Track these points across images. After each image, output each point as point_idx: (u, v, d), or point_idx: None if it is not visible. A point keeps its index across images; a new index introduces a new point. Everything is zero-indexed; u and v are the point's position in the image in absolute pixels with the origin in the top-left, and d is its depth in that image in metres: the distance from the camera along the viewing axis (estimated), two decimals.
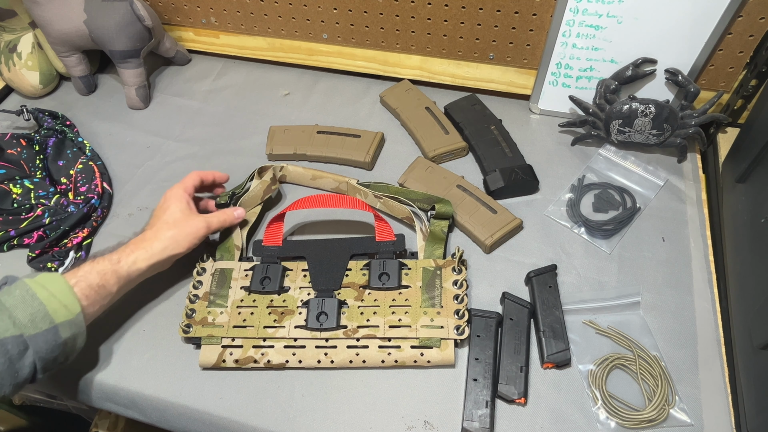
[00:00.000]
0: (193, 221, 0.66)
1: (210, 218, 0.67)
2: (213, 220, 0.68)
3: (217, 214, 0.69)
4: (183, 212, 0.66)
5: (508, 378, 0.60)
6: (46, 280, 0.55)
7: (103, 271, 0.59)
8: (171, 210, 0.66)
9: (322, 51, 0.95)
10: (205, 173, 0.74)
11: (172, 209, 0.66)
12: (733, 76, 0.77)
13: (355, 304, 0.65)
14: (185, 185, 0.70)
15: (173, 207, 0.66)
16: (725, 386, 0.60)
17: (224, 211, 0.70)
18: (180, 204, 0.67)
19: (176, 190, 0.68)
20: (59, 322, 0.53)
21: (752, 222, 0.61)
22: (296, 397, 0.61)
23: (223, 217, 0.69)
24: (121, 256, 0.61)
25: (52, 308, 0.53)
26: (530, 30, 0.81)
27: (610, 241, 0.72)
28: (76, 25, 0.86)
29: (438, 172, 0.78)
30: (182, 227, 0.65)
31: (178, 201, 0.67)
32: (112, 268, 0.59)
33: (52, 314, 0.52)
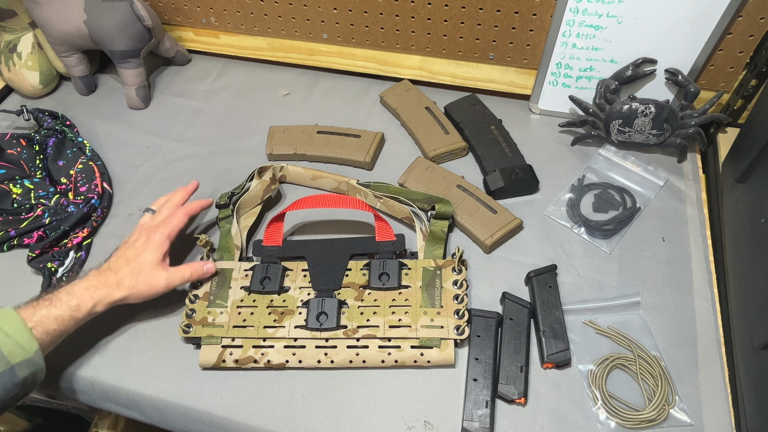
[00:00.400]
0: (157, 277, 0.62)
1: (173, 276, 0.63)
2: (176, 278, 0.63)
3: (182, 271, 0.64)
4: (152, 264, 0.62)
5: (508, 378, 0.60)
6: (1, 319, 0.53)
7: (62, 317, 0.57)
8: (143, 257, 0.62)
9: (322, 51, 0.95)
10: (192, 207, 0.70)
11: (145, 257, 0.62)
12: (733, 76, 0.77)
13: (355, 304, 0.65)
14: (171, 232, 0.65)
15: (147, 255, 0.63)
16: (725, 386, 0.60)
17: (192, 265, 0.65)
18: (155, 254, 0.63)
19: (159, 236, 0.64)
20: (15, 362, 0.51)
21: (752, 222, 0.61)
22: (296, 397, 0.61)
23: (189, 273, 0.64)
24: (80, 301, 0.58)
25: (8, 350, 0.51)
26: (530, 30, 0.81)
27: (610, 241, 0.72)
28: (76, 25, 0.86)
29: (438, 172, 0.78)
30: (146, 280, 0.61)
31: (154, 251, 0.63)
32: (70, 314, 0.57)
33: (7, 356, 0.51)
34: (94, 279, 0.61)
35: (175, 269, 0.64)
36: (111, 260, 0.64)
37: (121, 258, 0.63)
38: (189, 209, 0.69)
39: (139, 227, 0.68)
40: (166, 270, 0.63)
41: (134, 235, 0.67)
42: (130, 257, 0.63)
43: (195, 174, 0.84)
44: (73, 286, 0.59)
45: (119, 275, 0.61)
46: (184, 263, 0.66)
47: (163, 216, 0.68)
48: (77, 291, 0.59)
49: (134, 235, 0.67)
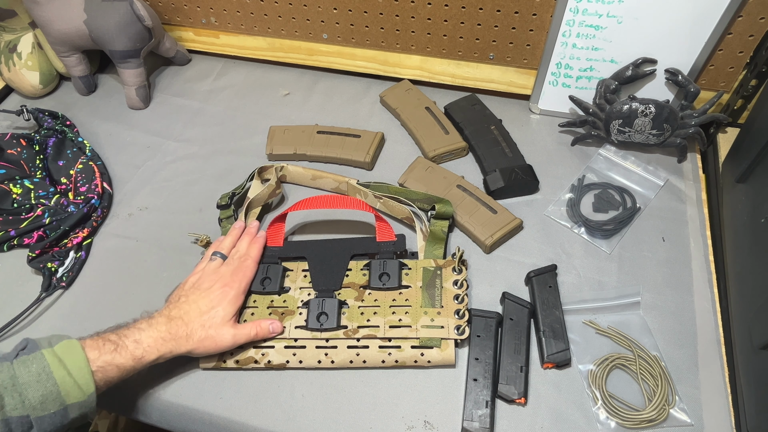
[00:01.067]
0: (225, 334, 0.60)
1: (239, 335, 0.61)
2: (242, 336, 0.61)
3: (248, 329, 0.61)
4: (224, 319, 0.60)
5: (508, 378, 0.60)
6: (66, 353, 0.51)
7: (124, 366, 0.54)
8: (217, 312, 0.60)
9: (322, 51, 0.95)
10: (259, 254, 0.68)
11: (218, 312, 0.60)
12: (733, 76, 0.77)
13: (356, 305, 0.65)
14: (246, 286, 0.64)
15: (221, 310, 0.60)
16: (725, 386, 0.60)
17: (259, 324, 0.62)
18: (230, 310, 0.61)
19: (236, 291, 0.62)
20: (70, 403, 0.50)
21: (752, 222, 0.61)
22: (296, 397, 0.61)
23: (254, 332, 0.61)
24: (146, 353, 0.56)
25: (65, 390, 0.49)
26: (530, 30, 0.81)
27: (610, 241, 0.72)
28: (76, 25, 0.86)
29: (438, 172, 0.78)
30: (214, 337, 0.59)
31: (230, 306, 0.61)
32: (133, 365, 0.55)
33: (64, 396, 0.49)
34: (163, 328, 0.58)
35: (242, 327, 0.61)
36: (182, 306, 0.60)
37: (194, 308, 0.60)
38: (257, 257, 0.68)
39: (210, 273, 0.64)
40: (234, 327, 0.61)
41: (205, 281, 0.63)
42: (203, 308, 0.60)
43: (195, 174, 0.84)
44: (141, 332, 0.56)
45: (190, 327, 0.59)
46: (250, 322, 0.63)
47: (235, 265, 0.65)
48: (145, 341, 0.56)
49: (205, 281, 0.63)
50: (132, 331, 0.57)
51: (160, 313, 0.60)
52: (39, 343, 0.51)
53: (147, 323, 0.58)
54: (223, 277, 0.64)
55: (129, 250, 0.76)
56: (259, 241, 0.69)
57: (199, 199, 0.81)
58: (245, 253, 0.67)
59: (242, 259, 0.66)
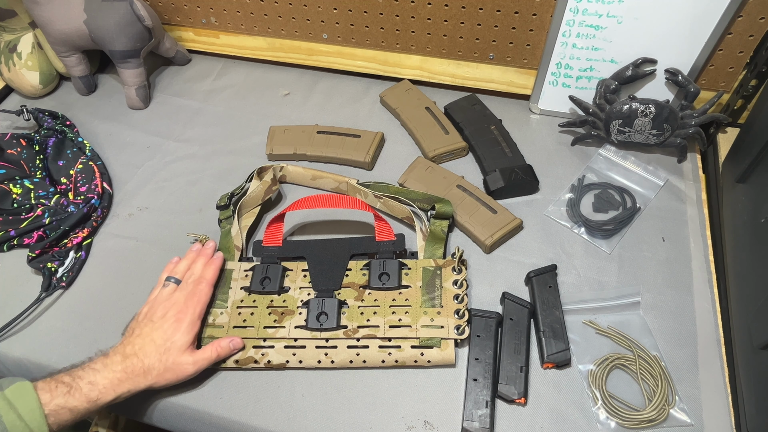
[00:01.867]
0: (185, 363, 0.58)
1: (200, 361, 0.59)
2: (203, 361, 0.59)
3: (208, 353, 0.60)
4: (181, 349, 0.58)
5: (508, 378, 0.60)
6: (17, 397, 0.50)
7: (78, 409, 0.53)
8: (174, 343, 0.58)
9: (322, 51, 0.95)
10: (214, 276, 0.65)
11: (175, 342, 0.58)
12: (733, 76, 0.77)
13: (355, 304, 0.65)
14: (201, 310, 0.61)
15: (178, 340, 0.58)
16: (725, 386, 0.60)
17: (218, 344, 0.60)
18: (187, 338, 0.59)
19: (191, 316, 0.60)
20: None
21: (752, 222, 0.61)
22: (296, 397, 0.61)
23: (216, 354, 0.60)
24: (101, 395, 0.54)
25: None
26: (530, 30, 0.81)
27: (610, 241, 0.72)
28: (76, 25, 0.86)
29: (438, 172, 0.78)
30: (173, 369, 0.57)
31: (185, 334, 0.59)
32: (87, 407, 0.53)
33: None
34: (119, 368, 0.56)
35: (201, 352, 0.60)
36: (135, 341, 0.58)
37: (148, 342, 0.58)
38: (212, 279, 0.65)
39: (163, 300, 0.62)
40: (193, 354, 0.59)
41: (158, 310, 0.61)
42: (158, 341, 0.58)
43: (195, 174, 0.84)
44: (96, 374, 0.55)
45: (146, 362, 0.57)
46: (209, 344, 0.61)
47: (189, 290, 0.63)
48: (100, 383, 0.54)
49: (158, 310, 0.61)
50: (87, 372, 0.55)
51: (115, 351, 0.57)
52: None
53: (102, 363, 0.56)
54: (176, 304, 0.61)
55: (129, 250, 0.76)
56: (215, 262, 0.66)
57: (199, 199, 0.81)
58: (200, 275, 0.64)
59: (197, 282, 0.63)
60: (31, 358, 0.66)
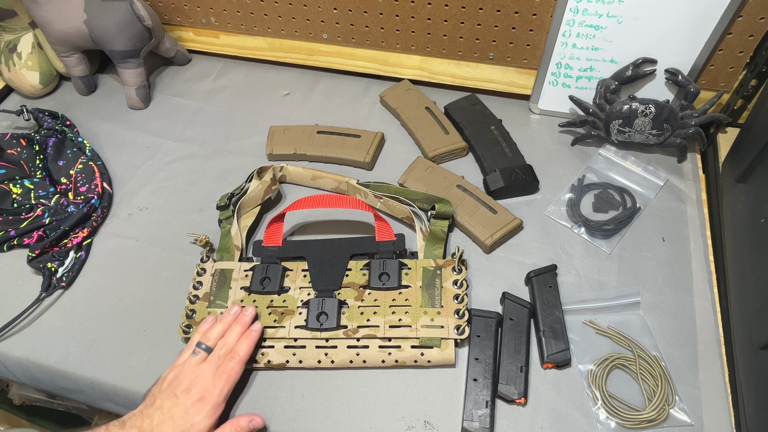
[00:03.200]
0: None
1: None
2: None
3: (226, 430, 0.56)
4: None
5: (508, 378, 0.60)
6: None
7: None
8: (195, 426, 0.54)
9: (322, 51, 0.95)
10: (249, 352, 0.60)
11: (197, 425, 0.54)
12: (733, 76, 0.77)
13: (355, 304, 0.65)
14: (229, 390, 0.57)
15: (200, 424, 0.54)
16: (725, 386, 0.60)
17: (237, 424, 0.57)
18: (209, 422, 0.55)
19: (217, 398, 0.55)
20: None
21: (752, 222, 0.61)
22: (296, 397, 0.61)
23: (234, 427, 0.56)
24: None
25: None
26: (530, 30, 0.81)
27: (610, 241, 0.72)
28: (76, 25, 0.86)
29: (438, 172, 0.78)
30: None
31: (208, 418, 0.55)
32: None
33: None
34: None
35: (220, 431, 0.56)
36: (155, 416, 0.54)
37: (167, 419, 0.54)
38: (246, 357, 0.59)
39: (190, 371, 0.57)
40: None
41: (183, 381, 0.56)
42: (178, 421, 0.54)
43: (195, 174, 0.84)
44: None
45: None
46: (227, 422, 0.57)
47: (219, 365, 0.58)
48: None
49: (183, 381, 0.56)
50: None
51: (133, 423, 0.54)
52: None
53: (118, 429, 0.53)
54: (202, 378, 0.56)
55: (129, 250, 0.76)
56: (251, 336, 0.61)
57: (199, 199, 0.81)
58: (233, 350, 0.59)
59: (229, 357, 0.58)
60: (31, 358, 0.66)
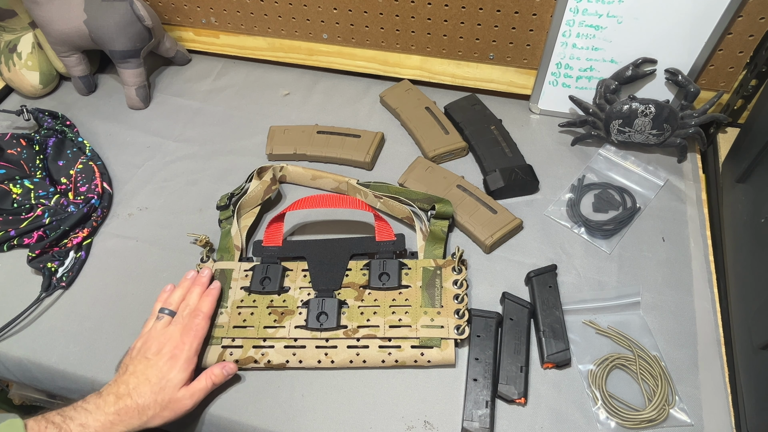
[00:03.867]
0: (182, 399, 0.56)
1: (197, 393, 0.57)
2: (199, 393, 0.57)
3: (203, 383, 0.58)
4: (178, 386, 0.56)
5: (508, 378, 0.60)
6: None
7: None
8: (170, 380, 0.55)
9: (322, 51, 0.95)
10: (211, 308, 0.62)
11: (171, 380, 0.55)
12: (733, 76, 0.77)
13: (355, 304, 0.65)
14: (198, 345, 0.58)
15: (174, 377, 0.56)
16: (725, 386, 0.60)
17: (211, 373, 0.58)
18: (183, 375, 0.56)
19: (187, 352, 0.57)
20: None
21: (752, 222, 0.61)
22: (296, 397, 0.61)
23: (211, 383, 0.58)
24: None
25: None
26: (530, 30, 0.81)
27: (610, 241, 0.72)
28: (76, 25, 0.86)
29: (438, 172, 0.78)
30: (171, 406, 0.55)
31: (182, 371, 0.56)
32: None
33: None
34: (111, 410, 0.53)
35: (196, 383, 0.57)
36: (129, 380, 0.55)
37: (143, 381, 0.55)
38: (209, 311, 0.62)
39: (157, 335, 0.59)
40: (188, 389, 0.57)
41: (152, 345, 0.58)
42: (153, 380, 0.55)
43: (195, 174, 0.84)
44: (88, 416, 0.52)
45: (141, 402, 0.54)
46: (201, 373, 0.58)
47: (185, 323, 0.60)
48: (92, 425, 0.52)
49: (152, 345, 0.58)
50: (79, 413, 0.53)
51: (108, 390, 0.55)
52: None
53: (95, 404, 0.54)
54: (171, 338, 0.58)
55: (129, 250, 0.76)
56: (212, 293, 0.63)
57: (199, 199, 0.81)
58: (196, 308, 0.61)
59: (193, 315, 0.61)
60: (31, 358, 0.66)
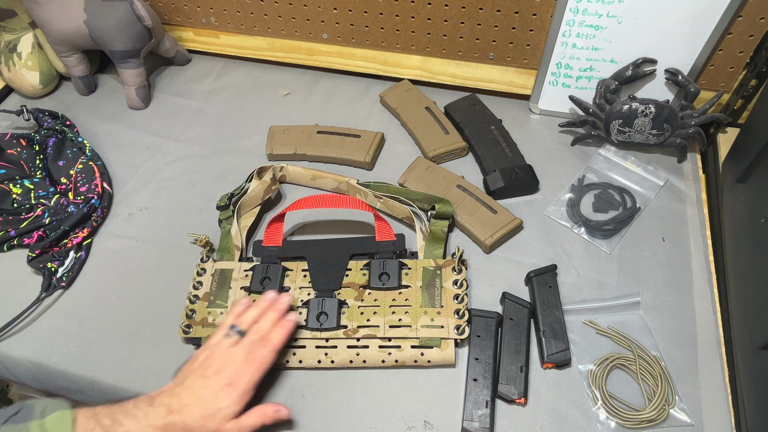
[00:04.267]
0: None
1: (243, 429, 0.54)
2: (245, 429, 0.54)
3: (252, 420, 0.55)
4: (228, 417, 0.53)
5: (508, 378, 0.60)
6: (55, 429, 0.49)
7: None
8: (222, 410, 0.53)
9: (322, 51, 0.95)
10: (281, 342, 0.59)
11: (224, 410, 0.53)
12: (733, 76, 0.77)
13: (355, 304, 0.65)
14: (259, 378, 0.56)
15: (226, 408, 0.53)
16: (725, 386, 0.60)
17: (263, 411, 0.56)
18: (236, 408, 0.54)
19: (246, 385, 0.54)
20: None
21: (752, 222, 0.61)
22: (296, 397, 0.61)
23: (260, 422, 0.55)
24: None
25: None
26: (530, 30, 0.81)
27: (610, 241, 0.72)
28: (76, 25, 0.86)
29: (438, 172, 0.78)
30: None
31: (235, 404, 0.54)
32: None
33: None
34: (159, 424, 0.52)
35: (246, 419, 0.54)
36: (183, 396, 0.54)
37: (196, 400, 0.53)
38: (279, 346, 0.58)
39: (222, 353, 0.57)
40: (238, 423, 0.54)
41: (213, 363, 0.56)
42: (206, 403, 0.53)
43: (195, 174, 0.84)
44: (136, 423, 0.52)
45: (188, 422, 0.52)
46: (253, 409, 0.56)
47: (250, 351, 0.57)
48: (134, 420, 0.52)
49: (213, 363, 0.56)
50: (127, 419, 0.52)
51: (162, 401, 0.54)
52: (32, 411, 0.50)
53: (144, 412, 0.53)
54: (233, 361, 0.56)
55: (129, 250, 0.76)
56: (286, 326, 0.60)
57: (199, 199, 0.81)
58: (267, 336, 0.58)
59: (262, 344, 0.57)
60: (31, 358, 0.66)
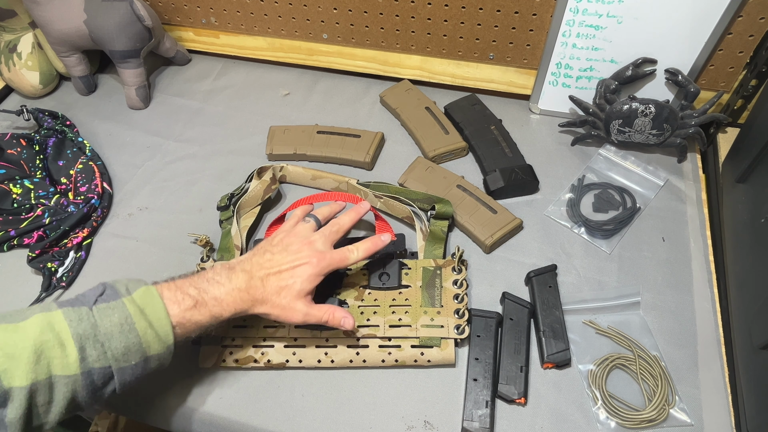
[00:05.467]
0: (297, 309, 0.56)
1: (311, 315, 0.57)
2: (313, 317, 0.57)
3: (321, 312, 0.58)
4: (300, 295, 0.56)
5: (508, 378, 0.60)
6: (147, 303, 0.50)
7: (201, 324, 0.53)
8: (295, 286, 0.56)
9: (322, 51, 0.95)
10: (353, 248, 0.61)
11: (296, 286, 0.56)
12: (733, 76, 0.77)
13: (355, 304, 0.65)
14: (330, 268, 0.59)
15: (299, 285, 0.56)
16: (725, 386, 0.60)
17: (333, 311, 0.58)
18: (308, 287, 0.57)
19: (318, 269, 0.57)
20: (150, 354, 0.50)
21: (752, 222, 0.61)
22: (296, 397, 0.61)
23: (326, 318, 0.58)
24: (223, 311, 0.54)
25: (147, 342, 0.49)
26: (530, 30, 0.81)
27: (610, 241, 0.72)
28: (76, 25, 0.86)
29: (438, 172, 0.78)
30: (285, 309, 0.56)
31: (308, 283, 0.57)
32: (209, 322, 0.54)
33: (145, 347, 0.49)
34: (243, 286, 0.55)
35: (316, 308, 0.57)
36: (264, 265, 0.57)
37: (274, 274, 0.56)
38: (349, 248, 0.61)
39: (302, 235, 0.60)
40: (308, 305, 0.57)
41: (294, 242, 0.59)
42: (285, 277, 0.56)
43: (195, 174, 0.84)
44: (221, 289, 0.54)
45: (266, 293, 0.56)
46: (324, 304, 0.59)
47: (327, 242, 0.60)
48: (225, 300, 0.54)
49: (294, 242, 0.59)
50: (212, 286, 0.54)
51: (242, 267, 0.56)
52: (117, 290, 0.50)
53: (227, 277, 0.55)
54: (312, 245, 0.59)
55: (129, 250, 0.76)
56: (359, 212, 0.64)
57: (199, 199, 0.81)
58: (342, 231, 0.62)
59: (335, 232, 0.61)
60: None
